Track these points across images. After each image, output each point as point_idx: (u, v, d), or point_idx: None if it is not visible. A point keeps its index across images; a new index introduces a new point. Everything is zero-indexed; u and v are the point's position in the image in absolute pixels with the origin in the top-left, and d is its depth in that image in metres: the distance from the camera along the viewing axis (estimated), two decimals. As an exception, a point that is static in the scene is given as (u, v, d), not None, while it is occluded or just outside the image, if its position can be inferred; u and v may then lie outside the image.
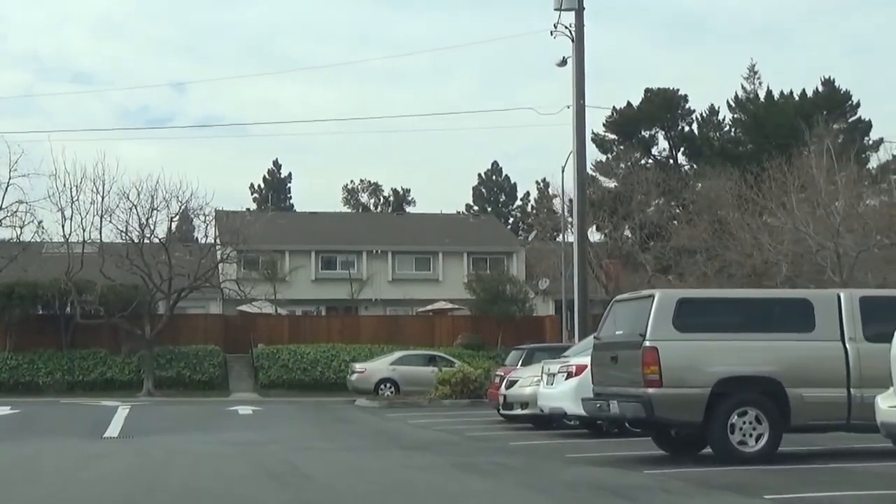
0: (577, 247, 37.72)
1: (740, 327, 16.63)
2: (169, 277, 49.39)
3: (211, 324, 54.13)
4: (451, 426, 26.21)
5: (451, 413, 31.34)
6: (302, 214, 74.78)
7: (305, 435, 24.83)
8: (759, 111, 65.90)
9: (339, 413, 32.78)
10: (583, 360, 21.65)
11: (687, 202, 53.97)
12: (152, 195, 49.87)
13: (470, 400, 34.33)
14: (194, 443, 22.73)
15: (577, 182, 37.85)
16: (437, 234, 69.29)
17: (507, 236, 75.83)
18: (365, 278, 65.94)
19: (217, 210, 53.86)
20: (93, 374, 48.79)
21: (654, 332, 16.24)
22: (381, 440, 22.91)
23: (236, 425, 28.67)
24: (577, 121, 37.42)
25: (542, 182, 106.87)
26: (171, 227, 51.69)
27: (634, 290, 52.59)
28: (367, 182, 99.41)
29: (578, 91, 37.21)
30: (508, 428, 25.55)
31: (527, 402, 24.34)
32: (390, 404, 34.69)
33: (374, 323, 57.56)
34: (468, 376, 34.59)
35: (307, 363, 50.57)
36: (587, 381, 20.77)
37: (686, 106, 65.86)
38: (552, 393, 22.11)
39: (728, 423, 16.20)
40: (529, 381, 24.44)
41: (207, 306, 58.76)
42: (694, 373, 16.21)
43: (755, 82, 70.56)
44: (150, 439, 24.11)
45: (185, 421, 30.42)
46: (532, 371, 24.95)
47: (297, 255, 65.56)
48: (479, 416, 29.67)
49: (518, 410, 24.87)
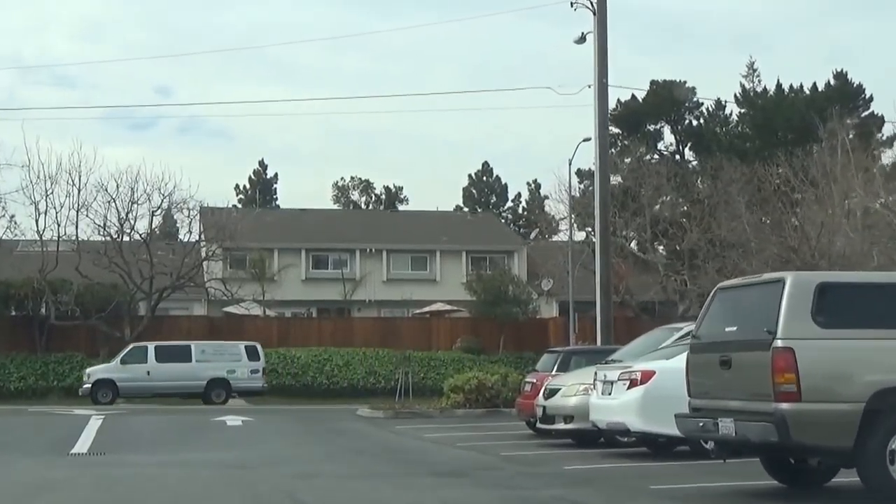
0: (599, 238, 33.55)
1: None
2: (150, 276, 46.37)
3: (195, 326, 50.03)
4: (477, 442, 21.84)
5: (468, 425, 26.83)
6: (291, 211, 69.93)
7: (307, 454, 20.42)
8: (767, 105, 62.00)
9: (341, 425, 28.24)
10: (649, 365, 17.35)
11: (702, 197, 49.84)
12: (132, 188, 46.48)
13: (485, 410, 29.94)
14: (174, 464, 18.40)
15: (599, 168, 33.77)
16: (434, 232, 64.86)
17: (507, 234, 71.28)
18: (358, 278, 61.76)
19: (202, 206, 49.40)
20: (69, 380, 45.10)
21: (787, 329, 11.89)
22: (400, 462, 18.52)
23: (224, 440, 24.22)
24: (600, 100, 33.61)
25: (533, 183, 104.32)
26: (153, 221, 47.30)
27: (646, 290, 48.02)
28: (359, 179, 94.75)
29: (601, 68, 33.43)
30: (545, 445, 21.10)
31: (571, 415, 19.94)
32: (396, 414, 30.08)
33: (368, 325, 53.81)
34: (483, 383, 30.06)
35: (298, 368, 47.47)
36: (656, 390, 16.74)
37: (694, 99, 61.90)
38: (611, 405, 17.69)
39: (888, 448, 11.86)
40: (574, 389, 20.06)
41: (191, 307, 55.60)
42: (842, 383, 11.89)
43: (754, 80, 66.93)
44: (122, 458, 19.81)
45: (166, 434, 26.03)
46: (576, 378, 20.55)
47: (286, 253, 61.13)
48: (504, 429, 25.33)
49: (560, 424, 20.42)
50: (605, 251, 33.34)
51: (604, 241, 33.41)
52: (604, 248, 33.33)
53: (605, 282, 33.17)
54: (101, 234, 46.67)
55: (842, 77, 62.63)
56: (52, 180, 45.86)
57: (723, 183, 49.19)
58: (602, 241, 33.35)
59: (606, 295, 33.07)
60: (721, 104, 64.24)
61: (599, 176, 33.52)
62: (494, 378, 30.28)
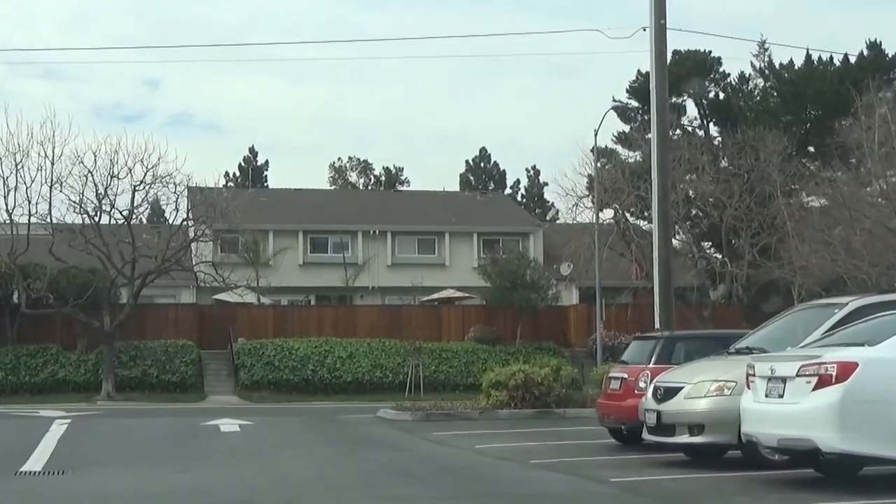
0: (657, 205, 27.69)
1: None
2: (132, 259, 41.03)
3: (183, 315, 45.61)
4: (554, 457, 16.09)
5: (522, 431, 20.89)
6: (287, 191, 63.22)
7: (333, 476, 14.65)
8: (797, 79, 56.24)
9: (363, 430, 22.30)
10: (846, 354, 11.59)
11: (742, 171, 44.16)
12: (111, 160, 40.66)
13: (534, 410, 24.09)
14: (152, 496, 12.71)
15: (657, 123, 28.05)
16: (442, 213, 58.68)
17: (521, 215, 64.92)
18: (360, 263, 55.59)
19: (189, 186, 43.43)
20: (42, 375, 41.06)
21: None
22: (472, 493, 12.77)
23: (219, 453, 18.41)
24: (657, 43, 28.11)
25: (532, 169, 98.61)
26: (135, 198, 41.36)
27: (678, 275, 42.12)
28: (357, 159, 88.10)
29: (658, 8, 27.96)
30: (657, 463, 15.12)
31: (702, 424, 14.05)
32: (427, 416, 24.05)
33: (372, 314, 48.68)
34: (531, 378, 24.09)
35: (296, 360, 42.87)
36: (861, 392, 11.34)
37: (720, 69, 55.96)
38: (787, 413, 11.76)
39: None
40: (704, 388, 14.17)
41: (179, 294, 50.31)
42: None
43: (764, 59, 61.29)
44: (84, 481, 14.34)
45: (145, 443, 20.32)
46: (705, 372, 14.62)
47: (282, 235, 54.96)
48: (574, 437, 19.60)
49: (684, 437, 14.41)
50: (663, 219, 27.56)
51: (662, 209, 27.64)
52: (662, 216, 27.56)
53: (664, 257, 27.41)
54: (77, 211, 41.22)
55: (876, 48, 56.94)
56: (23, 152, 40.38)
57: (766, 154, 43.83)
58: (661, 209, 27.57)
59: (666, 271, 27.26)
60: (745, 78, 58.47)
61: (657, 130, 27.78)
62: (544, 372, 24.31)
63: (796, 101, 56.47)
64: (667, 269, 27.60)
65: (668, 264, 27.71)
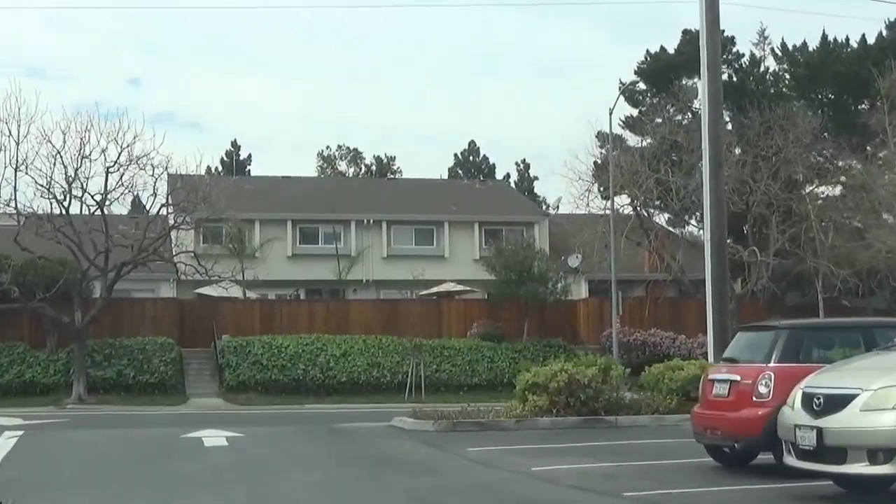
0: (708, 181, 23.58)
1: None
2: (106, 249, 37.31)
3: (162, 310, 42.15)
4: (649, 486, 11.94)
5: (575, 444, 16.61)
6: (273, 178, 58.58)
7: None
8: (812, 61, 52.45)
9: (379, 444, 17.87)
10: None
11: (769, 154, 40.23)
12: (82, 139, 36.24)
13: (580, 418, 19.78)
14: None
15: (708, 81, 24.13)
16: (440, 201, 54.24)
17: (525, 204, 60.37)
18: (354, 254, 51.22)
19: (170, 174, 39.21)
20: (7, 375, 37.08)
21: None
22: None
23: (203, 477, 14.13)
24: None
25: (522, 163, 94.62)
26: (108, 181, 37.08)
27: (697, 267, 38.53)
28: (347, 148, 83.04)
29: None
30: (799, 495, 11.01)
31: (892, 449, 9.77)
32: (453, 426, 19.69)
33: (366, 309, 44.70)
34: (576, 379, 19.77)
35: (285, 359, 39.41)
36: None
37: (734, 49, 51.83)
38: None
39: None
40: (892, 398, 9.89)
41: (158, 288, 46.69)
42: None
43: (764, 49, 57.56)
44: None
45: (112, 464, 16.02)
46: (888, 374, 10.29)
47: (269, 225, 50.50)
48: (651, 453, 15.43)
49: (861, 465, 9.95)
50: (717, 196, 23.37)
51: (715, 184, 23.46)
52: (716, 192, 23.38)
53: (717, 240, 23.23)
54: (45, 196, 37.33)
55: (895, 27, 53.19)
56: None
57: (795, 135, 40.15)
58: (713, 185, 23.40)
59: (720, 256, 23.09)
60: (756, 59, 54.58)
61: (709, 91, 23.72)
62: (591, 372, 19.96)
63: (812, 84, 52.88)
64: (721, 254, 23.46)
65: (722, 249, 23.56)
